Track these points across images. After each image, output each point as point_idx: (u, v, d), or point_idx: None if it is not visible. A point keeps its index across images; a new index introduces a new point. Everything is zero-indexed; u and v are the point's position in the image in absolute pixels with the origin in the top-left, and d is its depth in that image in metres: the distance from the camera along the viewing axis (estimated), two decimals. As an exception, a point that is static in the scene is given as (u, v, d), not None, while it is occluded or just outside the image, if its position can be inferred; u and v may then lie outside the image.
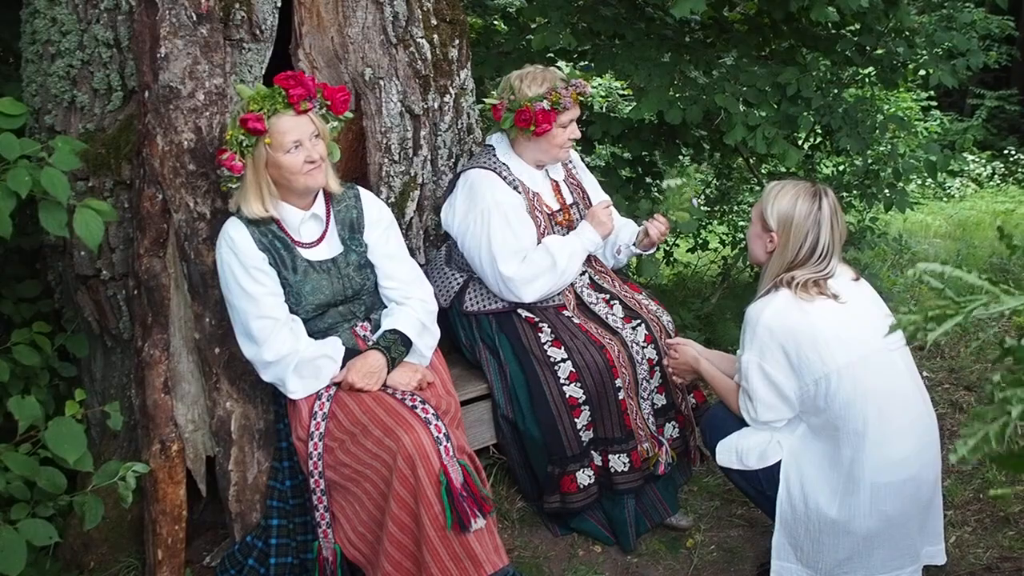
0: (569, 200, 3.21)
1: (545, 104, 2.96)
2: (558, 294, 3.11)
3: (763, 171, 5.68)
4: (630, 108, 4.94)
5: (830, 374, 2.46)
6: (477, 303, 3.09)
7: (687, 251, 6.12)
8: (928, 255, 6.64)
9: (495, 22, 5.68)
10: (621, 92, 9.36)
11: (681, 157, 5.53)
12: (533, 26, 5.07)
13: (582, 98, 3.06)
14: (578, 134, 3.10)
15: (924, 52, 4.62)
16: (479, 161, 3.10)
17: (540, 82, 3.01)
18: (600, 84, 9.61)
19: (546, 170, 3.16)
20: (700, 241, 5.87)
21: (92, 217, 2.37)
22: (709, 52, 4.88)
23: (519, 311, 3.05)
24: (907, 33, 4.64)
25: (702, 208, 3.09)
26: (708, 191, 6.05)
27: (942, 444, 2.64)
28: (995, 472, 3.30)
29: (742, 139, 4.40)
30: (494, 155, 3.11)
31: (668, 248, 5.80)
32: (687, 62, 4.79)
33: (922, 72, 5.23)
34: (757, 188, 5.79)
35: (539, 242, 3.06)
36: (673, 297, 5.64)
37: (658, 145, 5.17)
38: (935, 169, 4.60)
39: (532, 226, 3.06)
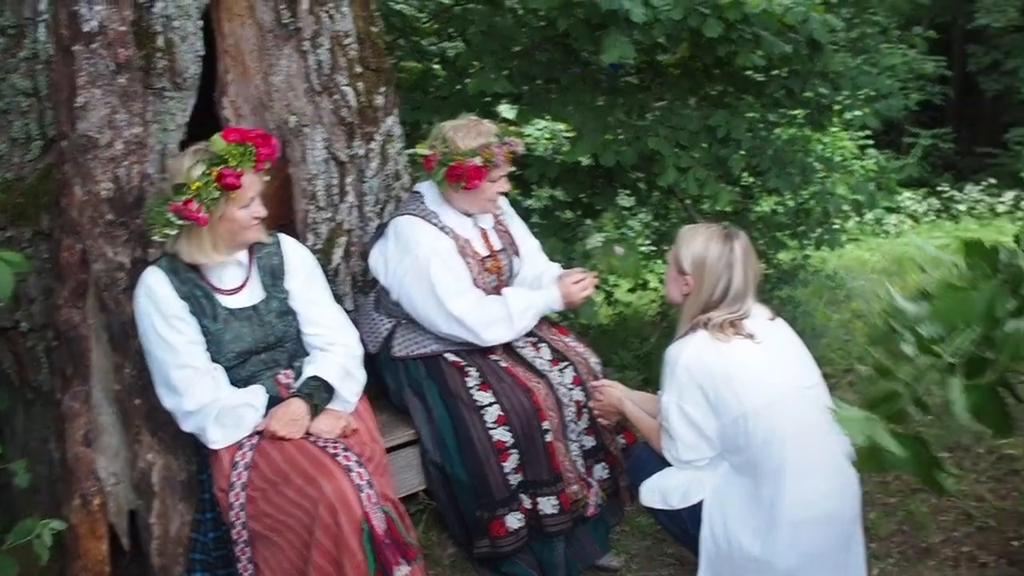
0: (498, 247, 3.23)
1: (478, 160, 2.99)
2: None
3: (700, 211, 5.76)
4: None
5: (747, 413, 2.50)
6: (405, 348, 3.09)
7: (627, 291, 6.17)
8: (864, 291, 6.75)
9: (433, 67, 5.72)
10: (566, 134, 9.45)
11: (619, 199, 5.61)
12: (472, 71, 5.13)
13: (514, 156, 3.09)
14: (507, 187, 3.14)
15: (848, 95, 4.74)
16: (408, 208, 3.12)
17: (474, 135, 3.03)
18: (545, 127, 9.72)
19: (475, 218, 3.18)
20: (640, 281, 5.92)
21: (2, 268, 2.35)
22: (643, 96, 4.97)
23: (446, 355, 3.05)
24: (832, 76, 4.75)
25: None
26: (647, 232, 6.11)
27: (861, 479, 2.68)
28: (918, 505, 3.36)
29: (674, 181, 4.48)
30: (423, 202, 3.12)
31: (608, 289, 5.85)
32: (621, 106, 4.87)
33: (850, 114, 5.35)
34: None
35: (474, 287, 3.09)
36: (614, 337, 5.67)
37: (595, 187, 5.23)
38: (862, 208, 4.70)
39: (466, 269, 3.08)
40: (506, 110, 5.46)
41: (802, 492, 2.48)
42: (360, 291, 3.32)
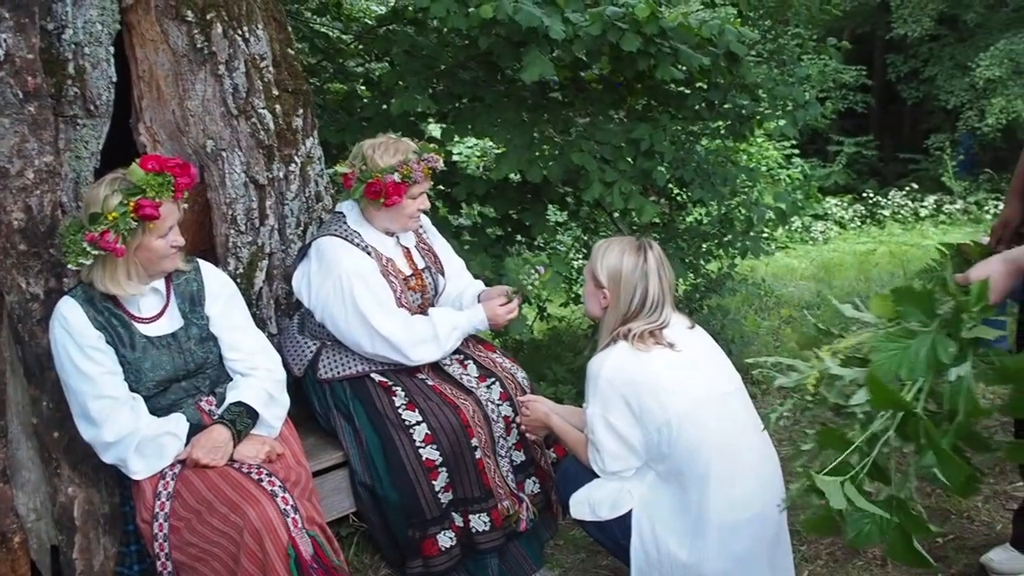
0: (421, 265, 3.23)
1: (396, 177, 2.99)
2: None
3: (629, 224, 5.82)
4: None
5: (671, 421, 2.52)
6: (331, 370, 3.08)
7: (560, 305, 6.21)
8: (792, 297, 6.88)
9: (358, 88, 5.72)
10: (497, 151, 9.50)
11: (548, 215, 5.65)
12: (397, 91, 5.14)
13: (433, 172, 3.10)
14: (427, 204, 3.15)
15: (766, 105, 4.83)
16: (330, 229, 3.11)
17: (392, 153, 3.04)
18: (476, 144, 9.75)
19: (397, 237, 3.18)
20: (572, 296, 5.96)
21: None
22: (567, 112, 5.02)
23: (372, 375, 3.04)
24: (751, 88, 4.84)
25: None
26: (577, 246, 6.16)
27: (785, 480, 2.72)
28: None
29: (600, 195, 4.53)
30: (345, 222, 3.12)
31: (541, 303, 5.88)
32: (545, 122, 4.91)
33: (769, 124, 5.46)
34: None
35: (398, 306, 3.08)
36: (548, 351, 5.70)
37: (524, 203, 5.26)
38: (784, 216, 4.79)
39: (390, 289, 3.08)
40: (434, 129, 5.49)
41: (727, 496, 2.51)
42: (284, 314, 3.30)
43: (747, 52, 4.63)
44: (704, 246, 5.20)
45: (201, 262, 2.77)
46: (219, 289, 2.75)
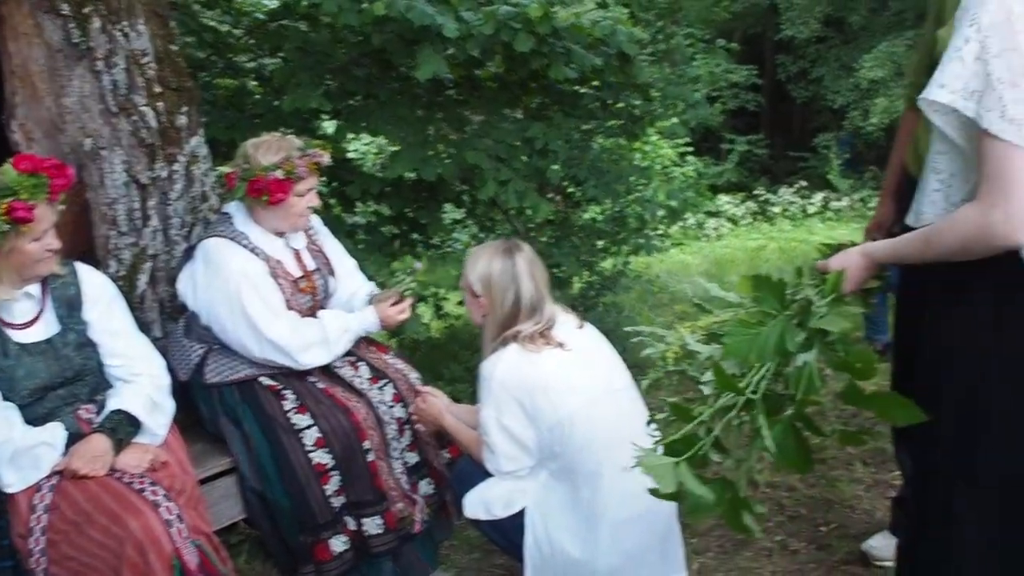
0: (311, 267, 3.18)
1: (279, 173, 2.94)
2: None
3: (524, 222, 5.85)
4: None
5: (563, 420, 2.55)
6: (218, 374, 3.01)
7: (458, 303, 6.20)
8: (686, 294, 6.99)
9: (249, 84, 5.60)
10: (393, 148, 9.43)
11: (445, 213, 5.64)
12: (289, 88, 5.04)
13: (318, 168, 3.05)
14: (317, 202, 3.09)
15: (658, 105, 4.91)
16: (216, 230, 3.04)
17: (275, 151, 2.98)
18: (372, 142, 9.66)
19: (286, 238, 3.13)
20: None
21: None
22: (462, 110, 5.01)
23: (261, 379, 2.99)
24: (642, 87, 4.91)
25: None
26: (474, 243, 6.16)
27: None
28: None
29: (495, 193, 4.53)
30: (231, 223, 3.05)
31: (438, 301, 5.86)
32: (440, 120, 4.89)
33: (661, 123, 5.55)
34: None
35: (287, 309, 3.03)
36: (445, 350, 5.70)
37: (419, 202, 5.24)
38: (677, 214, 4.88)
39: (279, 291, 3.02)
40: (329, 126, 5.42)
41: (618, 492, 2.54)
42: (169, 317, 3.20)
43: (639, 52, 4.69)
44: (598, 244, 5.26)
45: (79, 265, 2.68)
46: (98, 293, 2.65)
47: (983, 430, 2.01)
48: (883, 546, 3.09)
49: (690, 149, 11.19)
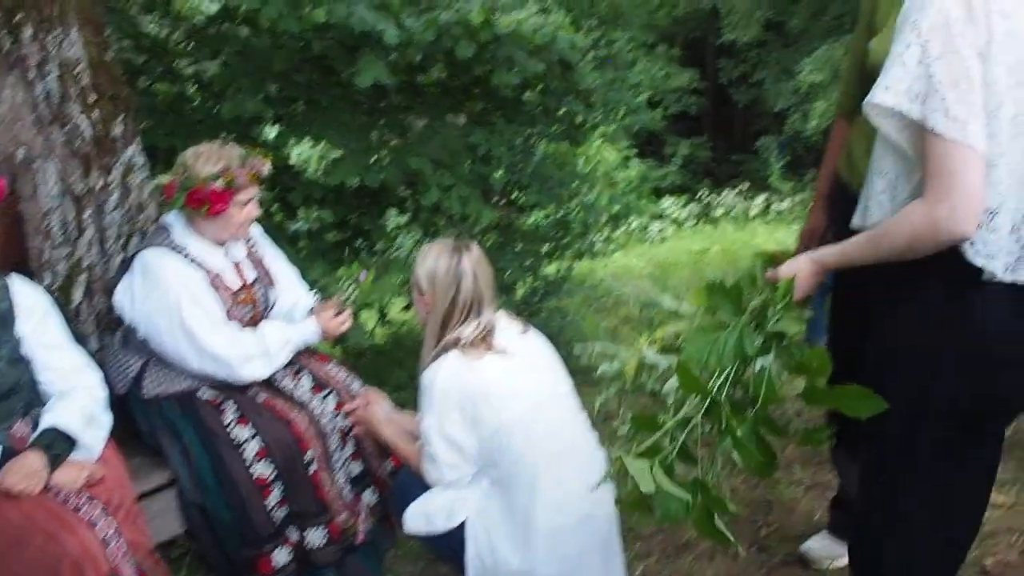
0: (251, 278, 3.15)
1: (219, 184, 2.91)
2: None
3: (468, 227, 5.85)
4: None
5: (504, 427, 2.55)
6: (157, 387, 2.97)
7: (402, 309, 6.18)
8: (630, 297, 7.05)
9: (188, 90, 5.54)
10: (335, 154, 9.37)
11: (389, 218, 5.62)
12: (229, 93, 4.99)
13: (259, 177, 3.03)
14: (257, 212, 3.06)
15: (600, 111, 4.95)
16: (155, 241, 2.99)
17: (215, 161, 2.95)
18: (316, 146, 9.57)
19: (226, 248, 3.09)
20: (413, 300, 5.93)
21: None
22: (404, 116, 5.00)
23: (201, 392, 2.95)
24: (584, 93, 4.94)
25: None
26: (416, 250, 6.14)
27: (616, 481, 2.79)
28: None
29: (438, 199, 4.53)
30: (170, 234, 3.01)
31: (383, 308, 5.83)
32: (382, 126, 4.88)
33: (604, 128, 5.59)
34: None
35: (227, 320, 3.00)
36: (390, 357, 5.68)
37: (363, 208, 5.22)
38: (619, 219, 4.91)
39: (218, 302, 2.99)
40: (272, 132, 5.37)
41: (556, 499, 2.55)
42: (106, 330, 3.15)
43: (581, 58, 4.73)
44: (542, 249, 5.29)
45: (11, 278, 2.63)
46: (32, 306, 2.60)
47: (934, 428, 2.07)
48: (821, 547, 3.14)
49: (634, 152, 11.29)
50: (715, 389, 2.03)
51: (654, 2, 5.93)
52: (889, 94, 1.89)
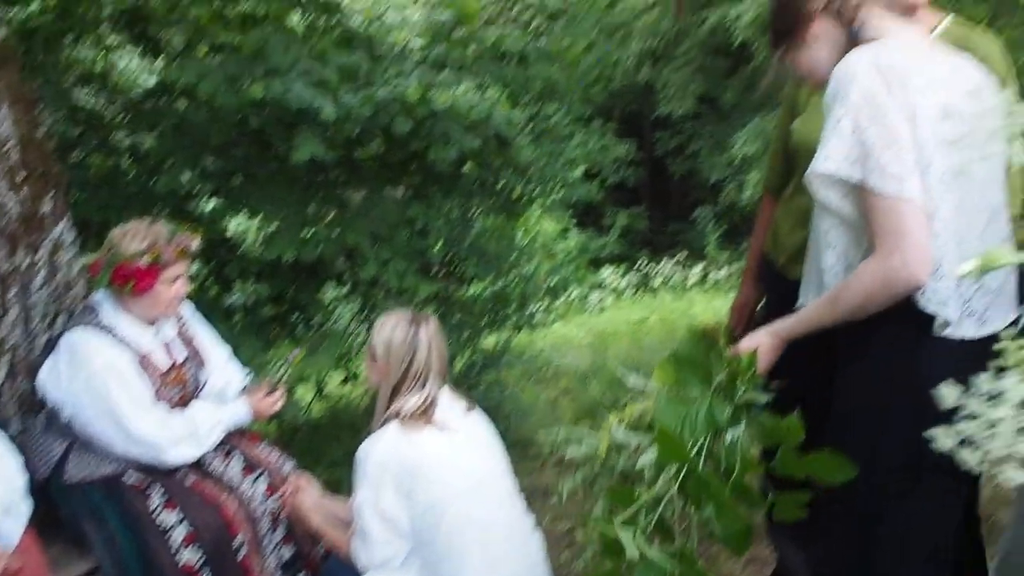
0: (181, 358, 3.10)
1: (146, 261, 2.87)
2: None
3: (406, 301, 5.84)
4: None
5: (437, 503, 2.53)
6: (81, 471, 2.88)
7: (340, 383, 6.11)
8: (570, 368, 7.07)
9: (123, 162, 5.49)
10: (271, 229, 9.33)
11: (327, 291, 5.59)
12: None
13: (188, 254, 2.99)
14: (186, 289, 3.03)
15: (537, 185, 5.01)
16: (82, 320, 2.94)
17: (142, 238, 2.92)
18: (256, 219, 9.52)
19: (156, 327, 3.04)
20: (351, 373, 5.88)
21: None
22: (342, 189, 5.01)
23: (126, 476, 2.88)
24: (521, 168, 5.00)
25: (299, 360, 3.13)
26: (354, 323, 6.10)
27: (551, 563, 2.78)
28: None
29: (376, 273, 4.53)
30: (98, 313, 2.95)
31: (320, 382, 5.77)
32: (320, 200, 4.87)
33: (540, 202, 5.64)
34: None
35: (156, 402, 2.94)
36: (327, 432, 5.60)
37: (299, 281, 5.18)
38: (557, 291, 4.94)
39: (147, 384, 2.93)
40: (209, 205, 5.33)
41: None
42: (28, 412, 3.06)
43: (517, 134, 4.79)
44: (481, 322, 5.29)
45: (-71, 361, 2.55)
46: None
47: (892, 483, 2.09)
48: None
49: (573, 223, 11.42)
50: (692, 459, 2.05)
51: (590, 77, 6.05)
52: (829, 162, 2.01)
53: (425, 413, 2.64)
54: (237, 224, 6.10)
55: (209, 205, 5.18)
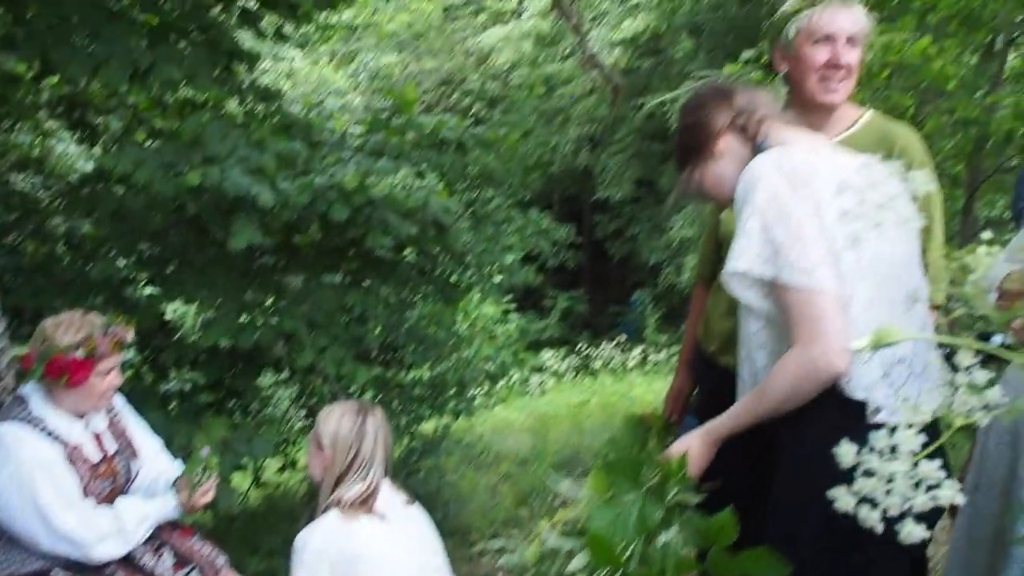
0: (112, 450, 3.04)
1: (80, 353, 2.83)
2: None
3: (344, 387, 5.81)
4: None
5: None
6: (6, 568, 2.79)
7: (277, 471, 6.03)
8: (510, 452, 7.05)
9: (59, 248, 5.44)
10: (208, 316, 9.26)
11: (264, 378, 5.55)
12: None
13: (121, 346, 2.97)
14: (119, 381, 2.99)
15: (475, 271, 5.07)
16: (10, 414, 2.87)
17: (76, 329, 2.88)
18: (191, 307, 9.43)
19: (86, 420, 3.00)
20: (289, 460, 5.81)
21: None
22: (280, 276, 5.01)
23: (53, 573, 2.79)
24: (459, 254, 5.06)
25: (213, 460, 3.08)
26: (293, 409, 6.06)
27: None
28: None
29: (313, 360, 4.51)
30: (27, 406, 2.89)
31: (257, 470, 5.69)
32: (257, 286, 4.87)
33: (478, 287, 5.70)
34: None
35: (84, 496, 2.87)
36: (263, 521, 5.50)
37: (236, 368, 5.14)
38: (495, 377, 4.97)
39: (75, 479, 2.87)
40: (145, 292, 5.30)
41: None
42: (-49, 507, 2.98)
43: (454, 220, 4.86)
44: (421, 407, 5.28)
45: None
46: None
47: (840, 571, 2.10)
48: None
49: (513, 307, 11.50)
50: (624, 562, 2.05)
51: (529, 161, 6.20)
52: (741, 261, 2.07)
53: (366, 502, 2.65)
54: (175, 310, 6.08)
55: (145, 291, 5.15)
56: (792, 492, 2.19)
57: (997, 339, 2.52)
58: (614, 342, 13.04)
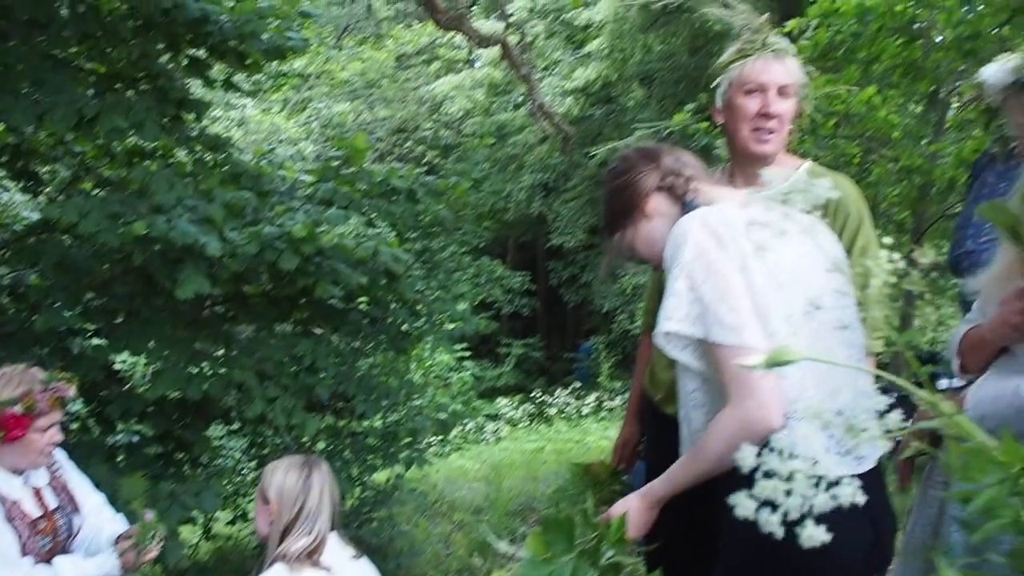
0: (53, 506, 2.97)
1: (18, 409, 2.78)
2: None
3: (295, 438, 5.74)
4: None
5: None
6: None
7: (227, 524, 5.92)
8: (464, 501, 7.00)
9: (3, 299, 5.35)
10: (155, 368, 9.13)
11: (213, 430, 5.47)
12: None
13: (62, 402, 2.91)
14: (60, 437, 2.93)
15: (426, 320, 5.05)
16: (-54, 469, 2.81)
17: (15, 384, 2.82)
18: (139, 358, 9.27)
19: (25, 476, 2.93)
20: (240, 512, 5.72)
21: None
22: (229, 325, 4.96)
23: (-13, 634, 2.72)
24: (410, 304, 5.05)
25: (157, 523, 3.02)
26: (244, 460, 5.97)
27: None
28: None
29: (263, 411, 4.46)
30: (-36, 462, 2.83)
31: (207, 522, 5.59)
32: (206, 337, 4.81)
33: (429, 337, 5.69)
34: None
35: (23, 554, 2.80)
36: (214, 574, 5.40)
37: (184, 420, 5.06)
38: (447, 427, 4.94)
39: (14, 536, 2.80)
40: (91, 344, 5.21)
41: None
42: None
43: (405, 270, 4.85)
44: (370, 458, 5.23)
45: None
46: None
47: None
48: None
49: (468, 354, 11.47)
50: None
51: (483, 209, 6.23)
52: (671, 322, 2.05)
53: (311, 555, 2.62)
54: (123, 360, 5.98)
55: (92, 343, 5.07)
56: (738, 549, 2.18)
57: (944, 383, 2.56)
58: (569, 389, 13.05)
